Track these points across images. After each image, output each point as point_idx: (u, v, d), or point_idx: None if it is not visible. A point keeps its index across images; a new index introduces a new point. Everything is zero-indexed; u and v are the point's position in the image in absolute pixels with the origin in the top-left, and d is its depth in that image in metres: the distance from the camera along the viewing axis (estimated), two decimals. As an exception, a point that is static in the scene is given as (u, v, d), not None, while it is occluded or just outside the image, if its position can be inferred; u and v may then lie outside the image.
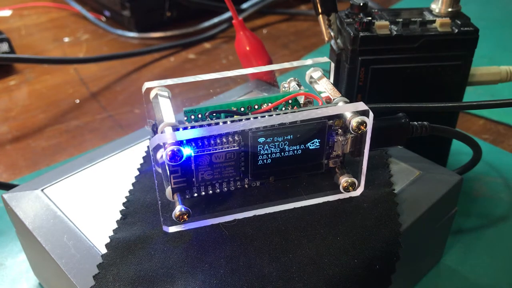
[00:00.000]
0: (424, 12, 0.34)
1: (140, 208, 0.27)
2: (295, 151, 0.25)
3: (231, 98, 0.37)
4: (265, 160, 0.25)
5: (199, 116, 0.26)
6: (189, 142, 0.23)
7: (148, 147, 0.31)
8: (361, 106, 0.24)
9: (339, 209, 0.26)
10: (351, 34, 0.32)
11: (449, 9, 0.33)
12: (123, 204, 0.27)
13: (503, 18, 0.68)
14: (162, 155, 0.22)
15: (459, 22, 0.33)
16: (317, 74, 0.28)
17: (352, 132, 0.24)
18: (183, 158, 0.22)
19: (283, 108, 0.28)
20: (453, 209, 0.31)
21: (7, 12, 0.74)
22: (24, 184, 0.30)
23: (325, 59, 0.28)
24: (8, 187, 0.33)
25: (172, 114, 0.24)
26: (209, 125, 0.23)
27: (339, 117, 0.25)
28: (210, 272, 0.23)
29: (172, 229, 0.25)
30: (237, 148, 0.24)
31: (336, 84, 0.34)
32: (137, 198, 0.27)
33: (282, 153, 0.25)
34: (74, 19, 0.72)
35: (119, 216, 0.26)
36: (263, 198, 0.26)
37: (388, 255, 0.25)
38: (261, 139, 0.24)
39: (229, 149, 0.24)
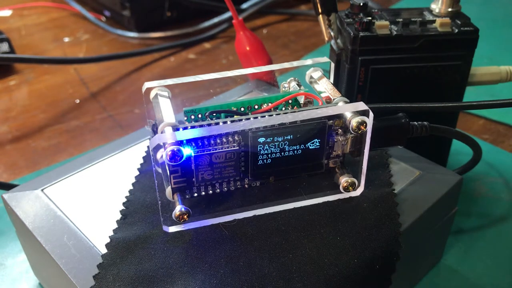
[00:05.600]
0: (424, 12, 0.34)
1: (140, 208, 0.27)
2: (295, 151, 0.25)
3: (231, 98, 0.37)
4: (265, 160, 0.25)
5: (199, 116, 0.26)
6: (189, 142, 0.23)
7: (148, 147, 0.31)
8: (361, 106, 0.24)
9: (339, 209, 0.26)
10: (351, 34, 0.32)
11: (449, 9, 0.33)
12: (123, 204, 0.27)
13: (503, 18, 0.68)
14: (162, 155, 0.22)
15: (459, 22, 0.33)
16: (317, 74, 0.28)
17: (352, 132, 0.24)
18: (183, 158, 0.22)
19: (283, 108, 0.28)
20: (453, 209, 0.32)
21: (7, 12, 0.74)
22: (24, 184, 0.30)
23: (325, 59, 0.28)
24: (8, 187, 0.33)
25: (172, 114, 0.24)
26: (209, 125, 0.23)
27: (339, 117, 0.25)
28: (210, 272, 0.23)
29: (172, 229, 0.25)
30: (237, 148, 0.24)
31: (336, 84, 0.34)
32: (137, 198, 0.27)
33: (282, 153, 0.25)
34: (74, 19, 0.72)
35: (119, 216, 0.26)
36: (263, 198, 0.26)
37: (388, 255, 0.25)
38: (261, 139, 0.24)
39: (229, 149, 0.24)
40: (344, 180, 0.26)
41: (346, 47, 0.33)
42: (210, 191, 0.25)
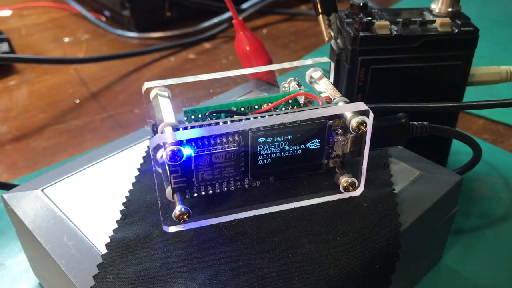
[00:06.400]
0: (424, 12, 0.34)
1: (140, 208, 0.27)
2: (295, 151, 0.25)
3: (231, 98, 0.37)
4: (265, 160, 0.25)
5: (199, 116, 0.26)
6: (189, 142, 0.23)
7: (148, 147, 0.31)
8: (361, 106, 0.24)
9: (339, 209, 0.26)
10: (351, 34, 0.32)
11: (449, 9, 0.33)
12: (123, 204, 0.27)
13: (503, 18, 0.68)
14: (162, 155, 0.22)
15: (459, 22, 0.33)
16: (317, 74, 0.28)
17: (352, 132, 0.24)
18: (183, 158, 0.22)
19: (283, 108, 0.28)
20: (453, 209, 0.32)
21: (7, 12, 0.74)
22: (24, 184, 0.30)
23: (325, 59, 0.28)
24: (8, 187, 0.33)
25: (172, 114, 0.24)
26: (209, 125, 0.23)
27: (339, 117, 0.25)
28: (210, 272, 0.23)
29: (172, 229, 0.25)
30: (237, 148, 0.24)
31: (336, 84, 0.34)
32: (137, 198, 0.27)
33: (282, 153, 0.25)
34: (74, 19, 0.72)
35: (119, 216, 0.26)
36: (263, 198, 0.26)
37: (388, 255, 0.25)
38: (261, 139, 0.24)
39: (229, 149, 0.24)
40: (344, 180, 0.26)
41: (346, 47, 0.33)
42: (210, 191, 0.25)
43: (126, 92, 0.55)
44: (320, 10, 0.34)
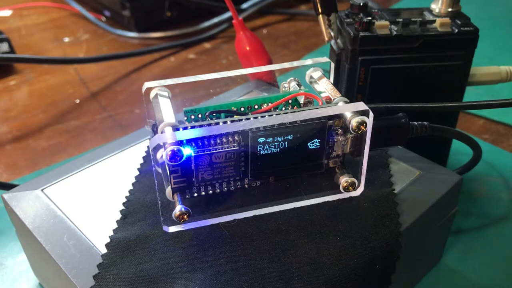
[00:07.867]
0: (424, 12, 0.34)
1: (140, 208, 0.27)
2: (295, 151, 0.25)
3: (231, 98, 0.37)
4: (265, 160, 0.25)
5: (199, 116, 0.26)
6: (189, 142, 0.23)
7: (148, 147, 0.31)
8: (361, 106, 0.24)
9: (339, 209, 0.26)
10: (351, 34, 0.32)
11: (449, 9, 0.33)
12: (123, 204, 0.27)
13: (503, 18, 0.68)
14: (162, 155, 0.22)
15: (459, 22, 0.33)
16: (317, 74, 0.28)
17: (352, 132, 0.24)
18: (183, 158, 0.22)
19: (283, 108, 0.28)
20: (453, 209, 0.32)
21: (7, 12, 0.74)
22: (24, 184, 0.30)
23: (325, 59, 0.28)
24: (8, 187, 0.33)
25: (172, 114, 0.24)
26: (209, 125, 0.23)
27: (339, 117, 0.25)
28: (210, 272, 0.23)
29: (172, 229, 0.25)
30: (237, 148, 0.24)
31: (336, 84, 0.34)
32: (137, 198, 0.27)
33: (282, 153, 0.25)
34: (74, 19, 0.72)
35: (119, 216, 0.26)
36: (263, 198, 0.26)
37: (388, 255, 0.25)
38: (261, 139, 0.24)
39: (229, 149, 0.24)
40: (344, 180, 0.26)
41: (346, 47, 0.33)
42: (210, 191, 0.25)
43: (126, 92, 0.55)
44: (320, 10, 0.34)
